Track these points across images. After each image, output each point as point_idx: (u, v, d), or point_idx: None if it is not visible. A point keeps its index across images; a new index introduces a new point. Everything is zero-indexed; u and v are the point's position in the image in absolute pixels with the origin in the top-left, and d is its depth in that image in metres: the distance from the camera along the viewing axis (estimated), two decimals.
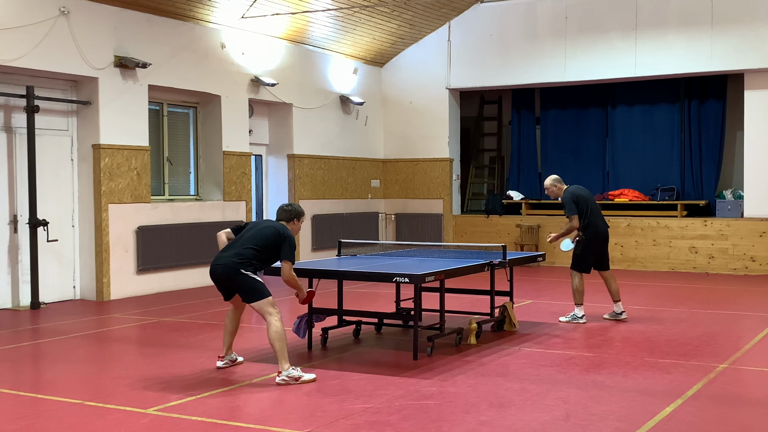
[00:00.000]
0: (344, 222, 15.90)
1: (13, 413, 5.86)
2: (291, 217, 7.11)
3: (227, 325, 7.16)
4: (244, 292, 6.77)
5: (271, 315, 6.67)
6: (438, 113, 16.80)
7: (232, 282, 6.79)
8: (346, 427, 5.45)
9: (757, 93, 14.37)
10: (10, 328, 9.41)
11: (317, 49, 15.42)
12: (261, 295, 6.70)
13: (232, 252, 6.81)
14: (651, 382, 6.64)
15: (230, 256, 6.78)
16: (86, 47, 11.10)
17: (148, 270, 11.99)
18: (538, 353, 7.79)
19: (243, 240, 6.89)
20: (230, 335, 7.16)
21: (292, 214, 7.12)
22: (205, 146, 13.45)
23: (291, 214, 7.11)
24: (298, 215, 7.14)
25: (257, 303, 6.70)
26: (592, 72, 15.37)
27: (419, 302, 7.50)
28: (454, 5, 15.92)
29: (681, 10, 14.64)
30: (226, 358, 7.18)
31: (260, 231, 6.91)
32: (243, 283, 6.73)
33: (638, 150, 16.21)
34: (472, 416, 5.68)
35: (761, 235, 14.27)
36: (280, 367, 6.63)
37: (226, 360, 7.17)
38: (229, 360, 7.20)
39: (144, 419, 5.65)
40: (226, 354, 7.19)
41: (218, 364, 7.15)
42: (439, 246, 12.88)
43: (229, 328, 7.15)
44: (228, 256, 6.79)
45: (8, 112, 10.83)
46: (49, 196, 11.14)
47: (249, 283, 6.72)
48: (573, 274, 9.52)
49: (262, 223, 7.11)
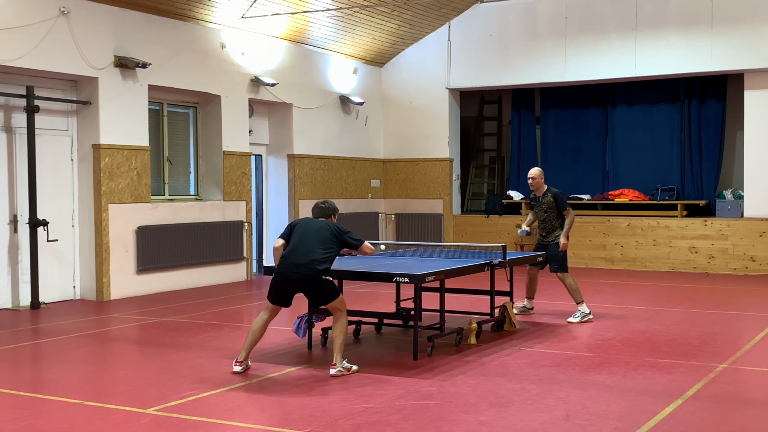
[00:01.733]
0: (344, 222, 15.79)
1: (13, 413, 5.86)
2: (329, 213, 7.39)
3: (255, 332, 7.08)
4: (326, 294, 7.03)
5: (343, 312, 7.09)
6: (438, 113, 16.80)
7: (314, 288, 6.97)
8: (346, 427, 5.45)
9: (757, 93, 14.37)
10: (10, 328, 9.41)
11: (317, 49, 15.42)
12: (337, 294, 7.12)
13: (308, 259, 6.92)
14: (651, 382, 6.64)
15: (308, 264, 6.91)
16: (86, 47, 11.10)
17: (148, 270, 11.99)
18: (538, 353, 7.79)
19: (308, 244, 7.00)
20: (255, 341, 7.11)
21: (330, 210, 7.41)
22: (205, 146, 13.45)
23: (329, 211, 7.40)
24: (334, 212, 7.44)
25: (334, 302, 7.06)
26: (592, 72, 15.37)
27: (419, 302, 7.51)
28: (454, 5, 15.92)
29: (681, 10, 14.64)
30: (244, 364, 7.07)
31: (318, 232, 7.09)
32: (325, 287, 7.02)
33: (638, 150, 16.22)
34: (472, 416, 5.69)
35: (761, 235, 14.27)
36: (335, 360, 6.91)
37: (243, 366, 7.05)
38: (246, 366, 7.09)
39: (144, 419, 5.65)
40: (245, 359, 7.08)
41: (235, 369, 7.01)
42: (439, 246, 12.87)
43: (257, 335, 7.09)
44: (306, 264, 6.91)
45: (8, 112, 10.83)
46: (49, 196, 11.14)
47: (330, 286, 7.05)
48: (564, 277, 9.59)
49: (310, 223, 7.23)
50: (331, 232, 7.11)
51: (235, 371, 7.01)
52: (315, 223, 7.22)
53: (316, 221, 7.26)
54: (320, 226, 7.16)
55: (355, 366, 7.02)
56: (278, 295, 7.08)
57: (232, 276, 13.47)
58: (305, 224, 7.23)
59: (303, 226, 7.21)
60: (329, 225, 7.18)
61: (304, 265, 6.91)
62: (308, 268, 6.90)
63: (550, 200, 9.65)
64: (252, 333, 7.09)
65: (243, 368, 7.05)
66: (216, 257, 13.12)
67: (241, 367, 7.04)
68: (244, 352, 7.07)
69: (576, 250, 15.33)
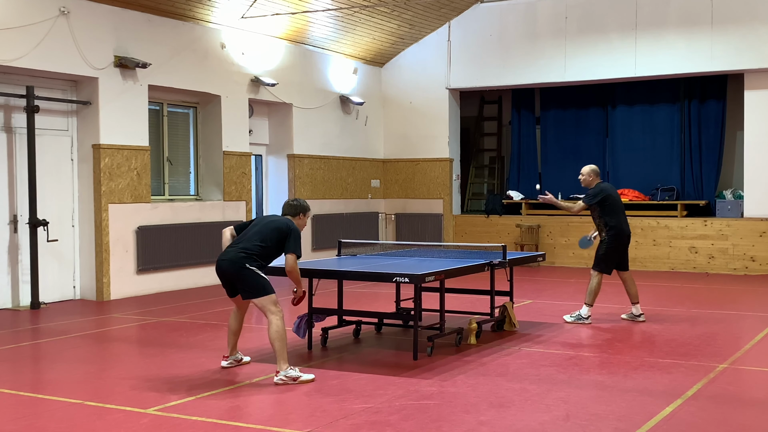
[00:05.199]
0: (344, 222, 15.90)
1: (13, 413, 5.86)
2: (297, 212, 7.06)
3: (231, 325, 7.13)
4: (247, 287, 6.70)
5: (273, 313, 6.63)
6: (438, 113, 16.80)
7: (236, 277, 6.74)
8: (346, 427, 5.45)
9: (757, 93, 14.37)
10: (10, 328, 9.41)
11: (317, 49, 15.42)
12: (264, 292, 6.65)
13: (239, 247, 6.78)
14: (651, 382, 6.64)
15: (236, 251, 6.75)
16: (86, 47, 11.10)
17: (148, 270, 11.99)
18: (538, 353, 7.79)
19: (249, 235, 6.86)
20: (234, 335, 7.14)
21: (298, 209, 7.08)
22: (205, 146, 13.45)
23: (297, 209, 7.07)
24: (303, 210, 7.09)
25: (260, 300, 6.65)
26: (592, 72, 15.36)
27: (419, 302, 7.50)
28: (454, 5, 15.92)
29: (681, 10, 14.64)
30: (231, 358, 7.16)
31: (266, 226, 6.89)
32: (247, 278, 6.67)
33: (638, 150, 16.21)
34: (472, 416, 5.68)
35: (761, 235, 14.27)
36: (278, 366, 6.61)
37: (230, 360, 7.15)
38: (233, 360, 7.17)
39: (144, 419, 5.65)
40: (231, 354, 7.17)
41: (223, 364, 7.13)
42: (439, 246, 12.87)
43: (233, 328, 7.11)
44: (234, 251, 6.76)
45: (8, 112, 10.83)
46: (49, 196, 11.15)
47: (253, 279, 6.66)
48: (594, 275, 9.39)
49: (268, 218, 7.10)
50: (279, 227, 6.80)
51: (223, 366, 7.09)
52: (271, 218, 7.02)
53: (276, 218, 7.03)
54: (272, 221, 6.93)
55: (309, 375, 6.64)
56: (223, 286, 7.01)
57: None
58: (262, 219, 7.04)
59: (260, 220, 7.05)
60: (282, 221, 6.89)
61: (231, 252, 6.77)
62: (234, 255, 6.72)
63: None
64: (228, 328, 7.17)
65: (230, 363, 7.12)
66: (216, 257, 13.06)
67: (227, 362, 7.12)
68: (229, 347, 7.17)
69: (576, 250, 15.34)
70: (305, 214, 7.11)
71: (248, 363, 7.26)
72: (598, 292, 9.40)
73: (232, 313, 7.18)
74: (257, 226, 6.94)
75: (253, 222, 7.10)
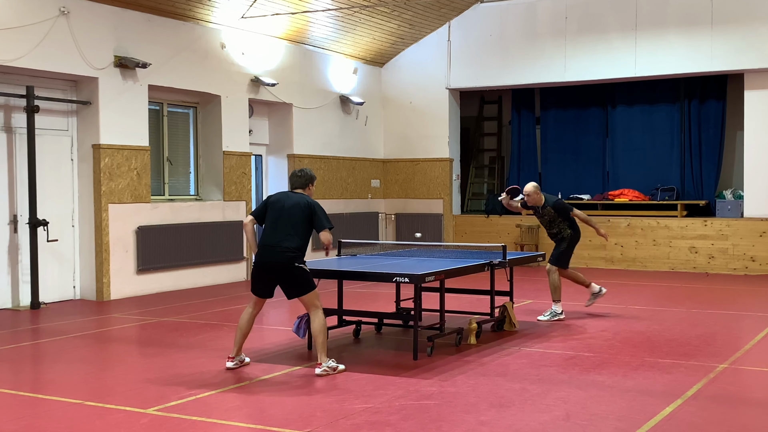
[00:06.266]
0: (344, 222, 15.89)
1: (13, 413, 5.86)
2: (306, 183, 7.07)
3: (242, 326, 7.05)
4: (297, 285, 6.80)
5: (318, 308, 6.87)
6: (438, 113, 16.80)
7: (287, 278, 6.77)
8: (346, 427, 5.45)
9: (757, 93, 14.37)
10: (10, 328, 9.41)
11: (317, 49, 15.42)
12: (311, 288, 6.86)
13: (282, 246, 6.75)
14: (651, 382, 6.64)
15: (281, 252, 6.75)
16: (86, 47, 11.10)
17: (148, 270, 11.99)
18: (538, 353, 7.79)
19: (280, 227, 6.80)
20: (244, 336, 7.09)
21: (307, 179, 7.07)
22: (205, 146, 13.45)
23: (306, 180, 7.07)
24: (312, 180, 7.09)
25: (308, 296, 6.83)
26: (592, 72, 15.36)
27: (419, 302, 7.50)
28: (454, 5, 15.92)
29: (681, 10, 14.63)
30: (237, 359, 7.10)
31: (289, 212, 6.85)
32: (298, 277, 6.78)
33: (638, 150, 16.22)
34: (472, 416, 5.68)
35: (761, 235, 14.27)
36: (320, 359, 6.82)
37: (236, 361, 7.09)
38: (239, 361, 7.13)
39: (144, 419, 5.65)
40: (236, 355, 7.11)
41: (228, 365, 7.06)
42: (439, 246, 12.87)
43: (244, 329, 7.06)
44: (278, 252, 6.76)
45: (8, 112, 10.83)
46: (49, 196, 11.14)
47: (303, 277, 6.81)
48: (553, 270, 9.68)
49: (282, 200, 6.97)
50: (302, 209, 6.83)
51: (228, 367, 7.06)
52: (289, 201, 6.94)
53: (291, 197, 6.96)
54: (293, 205, 6.88)
55: (342, 365, 6.96)
56: (258, 285, 6.99)
57: (232, 276, 13.47)
58: (279, 203, 6.95)
59: (278, 204, 6.95)
60: (300, 201, 6.89)
61: (276, 252, 6.77)
62: (283, 256, 6.74)
63: (551, 211, 9.72)
64: (239, 329, 7.08)
65: (236, 364, 7.08)
66: (216, 257, 13.12)
67: (233, 363, 7.08)
68: (235, 348, 7.11)
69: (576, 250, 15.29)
70: (312, 183, 7.14)
71: (248, 364, 7.26)
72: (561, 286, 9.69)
73: (246, 314, 7.09)
74: (282, 216, 6.86)
75: (269, 206, 6.97)
